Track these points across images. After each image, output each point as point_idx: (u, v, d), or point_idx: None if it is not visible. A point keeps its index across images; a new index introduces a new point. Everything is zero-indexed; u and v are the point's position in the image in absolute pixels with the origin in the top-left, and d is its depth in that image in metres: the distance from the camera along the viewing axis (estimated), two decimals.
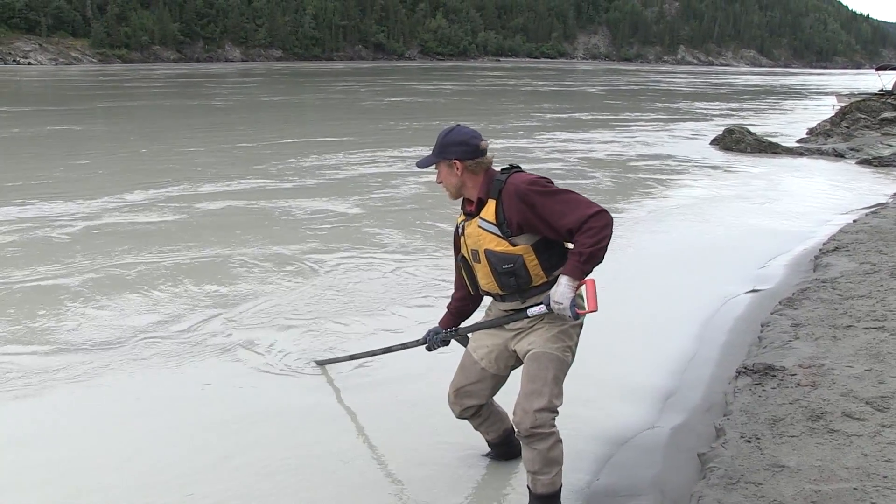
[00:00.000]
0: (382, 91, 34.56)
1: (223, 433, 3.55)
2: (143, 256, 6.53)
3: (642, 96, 35.76)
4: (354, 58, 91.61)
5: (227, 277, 5.99)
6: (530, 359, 2.76)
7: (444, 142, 2.77)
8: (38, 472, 3.19)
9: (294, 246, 6.99)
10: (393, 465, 3.30)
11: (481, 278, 2.85)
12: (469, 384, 2.98)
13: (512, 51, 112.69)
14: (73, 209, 8.38)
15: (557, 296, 2.60)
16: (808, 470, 2.97)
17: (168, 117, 21.44)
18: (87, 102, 26.17)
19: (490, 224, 2.70)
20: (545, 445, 2.67)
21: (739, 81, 56.56)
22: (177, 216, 8.21)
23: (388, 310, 5.35)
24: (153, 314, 5.13)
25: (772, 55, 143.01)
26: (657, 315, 5.26)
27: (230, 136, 16.03)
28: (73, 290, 5.57)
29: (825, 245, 7.08)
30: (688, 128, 20.09)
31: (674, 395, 4.11)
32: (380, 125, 19.18)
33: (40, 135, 15.83)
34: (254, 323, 5.01)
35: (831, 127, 17.33)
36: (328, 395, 4.02)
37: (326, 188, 10.15)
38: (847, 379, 3.79)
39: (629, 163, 13.18)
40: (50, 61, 65.45)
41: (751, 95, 38.66)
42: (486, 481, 3.22)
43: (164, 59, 74.52)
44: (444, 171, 2.80)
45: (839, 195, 10.62)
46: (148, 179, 10.34)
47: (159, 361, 4.37)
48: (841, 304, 5.10)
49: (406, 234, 7.61)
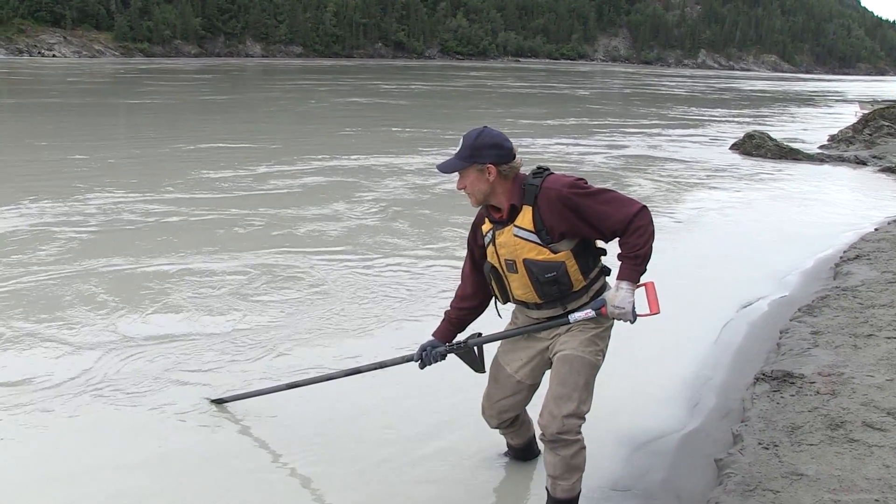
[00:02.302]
0: (344, 91, 32.55)
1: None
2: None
3: (637, 99, 35.29)
4: (374, 55, 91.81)
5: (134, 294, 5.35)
6: (562, 360, 2.68)
7: (475, 144, 2.59)
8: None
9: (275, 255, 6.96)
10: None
11: (517, 288, 2.73)
12: (505, 397, 2.91)
13: (532, 51, 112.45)
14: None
15: (619, 301, 2.55)
16: (827, 479, 2.94)
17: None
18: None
19: (528, 232, 2.59)
20: (569, 452, 2.62)
21: (745, 86, 55.13)
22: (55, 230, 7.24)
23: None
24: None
25: (793, 60, 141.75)
26: (675, 320, 5.21)
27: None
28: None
29: (846, 253, 7.01)
30: (704, 133, 19.92)
31: (691, 399, 4.09)
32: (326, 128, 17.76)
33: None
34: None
35: (853, 134, 17.11)
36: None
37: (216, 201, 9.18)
38: (868, 388, 3.75)
39: (642, 168, 13.09)
40: (73, 54, 66.16)
41: (755, 102, 38.12)
42: (507, 481, 3.22)
43: (185, 53, 75.14)
44: (472, 176, 2.62)
45: (860, 202, 10.50)
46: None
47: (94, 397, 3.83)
48: (862, 312, 5.04)
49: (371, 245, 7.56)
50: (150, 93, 27.84)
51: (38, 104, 22.57)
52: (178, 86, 32.90)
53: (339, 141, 15.23)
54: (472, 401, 3.25)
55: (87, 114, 20.27)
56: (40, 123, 16.97)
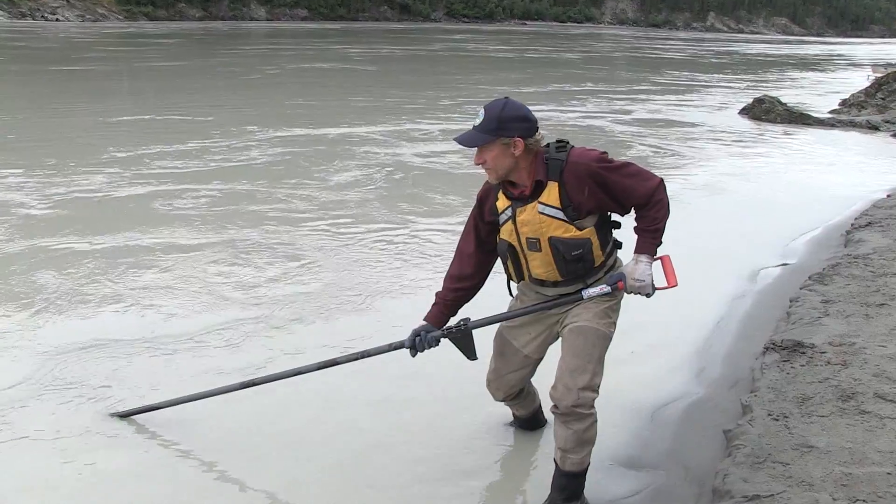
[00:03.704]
0: (310, 55, 29.88)
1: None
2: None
3: (633, 64, 34.96)
4: (380, 19, 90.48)
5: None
6: (576, 332, 2.63)
7: (502, 116, 2.45)
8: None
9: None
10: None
11: (537, 266, 2.63)
12: (512, 371, 2.88)
13: (539, 14, 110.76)
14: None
15: (638, 274, 2.53)
16: (837, 451, 2.89)
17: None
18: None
19: (554, 209, 2.49)
20: (583, 426, 2.58)
21: (751, 50, 53.30)
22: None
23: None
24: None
25: (804, 23, 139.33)
26: (683, 287, 5.12)
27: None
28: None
29: (857, 220, 6.90)
30: (713, 98, 19.62)
31: (698, 368, 4.03)
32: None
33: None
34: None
35: (865, 98, 16.83)
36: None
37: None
38: (880, 359, 3.68)
39: (649, 135, 12.91)
40: (77, 18, 65.41)
41: (762, 66, 37.56)
42: (516, 450, 3.19)
43: (189, 16, 74.16)
44: (496, 150, 2.47)
45: (872, 168, 10.34)
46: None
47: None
48: (874, 281, 4.96)
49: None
50: (92, 59, 25.18)
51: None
52: (131, 52, 29.47)
53: (288, 111, 13.71)
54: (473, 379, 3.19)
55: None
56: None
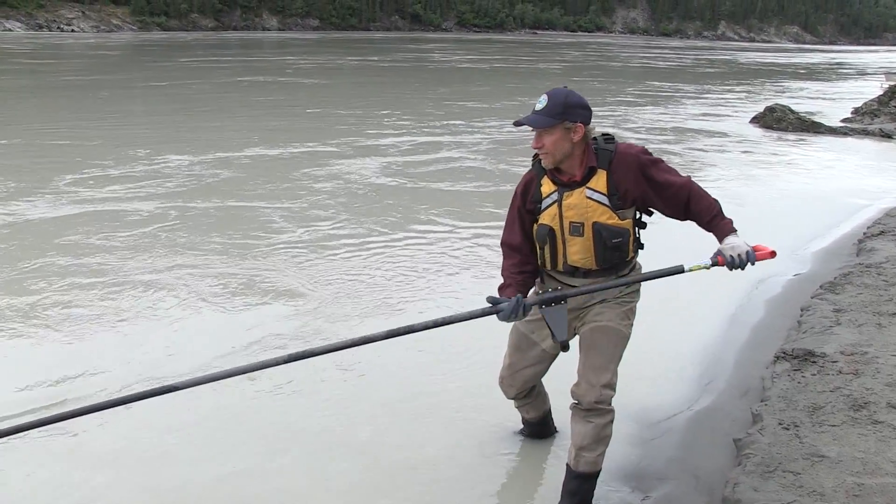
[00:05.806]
0: (270, 69, 27.60)
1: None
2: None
3: (638, 74, 34.92)
4: (391, 28, 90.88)
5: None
6: (600, 331, 2.70)
7: (568, 102, 2.54)
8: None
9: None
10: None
11: (576, 252, 2.65)
12: (529, 366, 2.90)
13: (549, 24, 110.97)
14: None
15: (733, 249, 2.53)
16: (849, 461, 2.88)
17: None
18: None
19: (601, 195, 2.59)
20: (603, 421, 2.67)
21: (740, 59, 52.33)
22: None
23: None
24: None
25: (816, 31, 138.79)
26: (693, 295, 5.13)
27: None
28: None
29: (870, 229, 6.86)
30: (723, 107, 19.56)
31: (708, 377, 4.02)
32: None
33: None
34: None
35: (879, 106, 16.72)
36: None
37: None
38: (892, 369, 3.66)
39: (660, 143, 12.89)
40: (92, 28, 66.02)
41: (770, 76, 37.41)
42: (524, 458, 3.18)
43: (202, 27, 74.75)
44: (557, 134, 2.54)
45: (885, 177, 10.27)
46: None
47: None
48: (886, 290, 4.93)
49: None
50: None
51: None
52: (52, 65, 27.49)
53: (212, 132, 12.31)
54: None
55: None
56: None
